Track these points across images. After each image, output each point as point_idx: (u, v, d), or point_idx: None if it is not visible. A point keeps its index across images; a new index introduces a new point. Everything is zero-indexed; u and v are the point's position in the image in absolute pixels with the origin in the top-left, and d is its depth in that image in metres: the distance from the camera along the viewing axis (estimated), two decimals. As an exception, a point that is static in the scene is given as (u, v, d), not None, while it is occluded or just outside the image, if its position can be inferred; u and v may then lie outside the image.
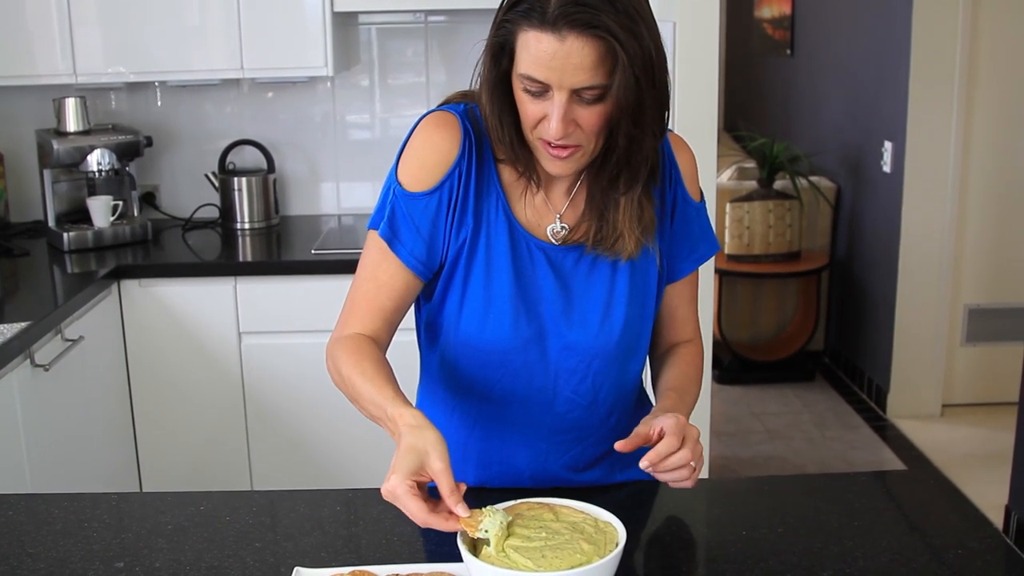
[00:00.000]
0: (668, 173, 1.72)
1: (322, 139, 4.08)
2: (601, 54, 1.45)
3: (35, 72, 3.59)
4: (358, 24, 3.99)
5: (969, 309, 4.98)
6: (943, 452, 4.59)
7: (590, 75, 1.46)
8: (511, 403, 1.71)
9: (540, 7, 1.45)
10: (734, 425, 4.91)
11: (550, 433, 1.73)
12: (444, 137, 1.64)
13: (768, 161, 5.31)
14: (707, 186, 3.06)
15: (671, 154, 1.73)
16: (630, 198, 1.62)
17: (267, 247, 3.75)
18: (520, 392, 1.70)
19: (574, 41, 1.44)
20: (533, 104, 1.52)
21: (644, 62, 1.47)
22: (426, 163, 1.64)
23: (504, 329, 1.65)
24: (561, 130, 1.50)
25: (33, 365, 2.76)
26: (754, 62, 7.53)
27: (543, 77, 1.47)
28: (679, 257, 1.76)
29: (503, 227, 1.66)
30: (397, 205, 1.64)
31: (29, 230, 3.86)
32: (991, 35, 4.71)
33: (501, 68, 1.56)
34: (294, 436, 3.51)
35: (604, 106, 1.50)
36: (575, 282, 1.67)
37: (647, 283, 1.71)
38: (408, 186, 1.64)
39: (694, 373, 1.79)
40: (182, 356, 3.43)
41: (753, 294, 5.51)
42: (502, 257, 1.65)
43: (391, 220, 1.64)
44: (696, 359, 1.82)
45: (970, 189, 4.86)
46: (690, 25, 3.18)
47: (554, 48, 1.45)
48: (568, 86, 1.47)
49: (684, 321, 1.83)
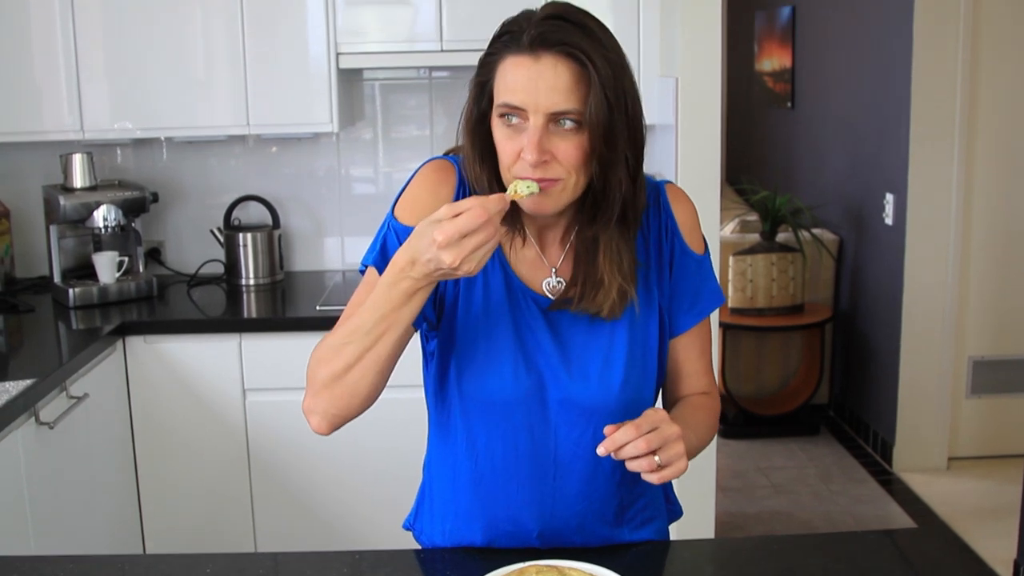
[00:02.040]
0: (665, 225, 1.73)
1: (326, 194, 4.10)
2: (575, 76, 1.50)
3: (42, 128, 3.62)
4: (363, 80, 4.02)
5: (973, 361, 4.97)
6: (950, 506, 4.56)
7: (564, 97, 1.50)
8: (515, 459, 1.71)
9: (518, 35, 1.52)
10: (740, 480, 4.88)
11: (555, 489, 1.73)
12: (441, 180, 1.69)
13: (770, 214, 5.32)
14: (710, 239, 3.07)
15: (668, 206, 1.74)
16: (608, 241, 1.63)
17: (272, 303, 3.75)
18: (523, 447, 1.70)
19: (548, 59, 1.50)
20: (510, 141, 1.55)
21: (615, 83, 1.52)
22: (423, 202, 1.66)
23: (504, 380, 1.65)
24: (536, 154, 1.51)
25: (38, 423, 2.75)
26: (755, 115, 7.57)
27: (519, 101, 1.51)
28: (680, 310, 1.75)
29: (500, 279, 1.67)
30: (389, 237, 1.68)
31: (35, 285, 3.87)
32: (990, 87, 4.74)
33: (481, 108, 1.60)
34: (299, 494, 3.49)
35: (581, 137, 1.53)
36: (573, 336, 1.67)
37: (648, 337, 1.71)
38: (402, 220, 1.67)
39: (702, 415, 1.77)
40: (186, 413, 3.43)
41: (757, 347, 5.50)
42: (500, 308, 1.66)
43: (382, 250, 1.68)
44: (706, 403, 1.80)
45: (972, 241, 4.87)
46: (692, 80, 3.20)
47: (528, 68, 1.50)
48: (544, 109, 1.51)
49: (694, 375, 1.81)
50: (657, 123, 3.54)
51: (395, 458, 3.33)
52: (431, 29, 3.59)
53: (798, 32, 6.46)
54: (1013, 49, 4.72)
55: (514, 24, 1.55)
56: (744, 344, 5.46)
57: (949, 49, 4.62)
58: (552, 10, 1.54)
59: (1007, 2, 4.67)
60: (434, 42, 3.59)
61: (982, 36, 4.67)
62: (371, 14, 3.65)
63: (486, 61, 1.58)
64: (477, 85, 1.61)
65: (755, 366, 5.52)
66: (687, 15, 3.18)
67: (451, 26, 3.57)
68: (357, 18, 3.62)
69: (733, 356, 5.43)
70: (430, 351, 1.74)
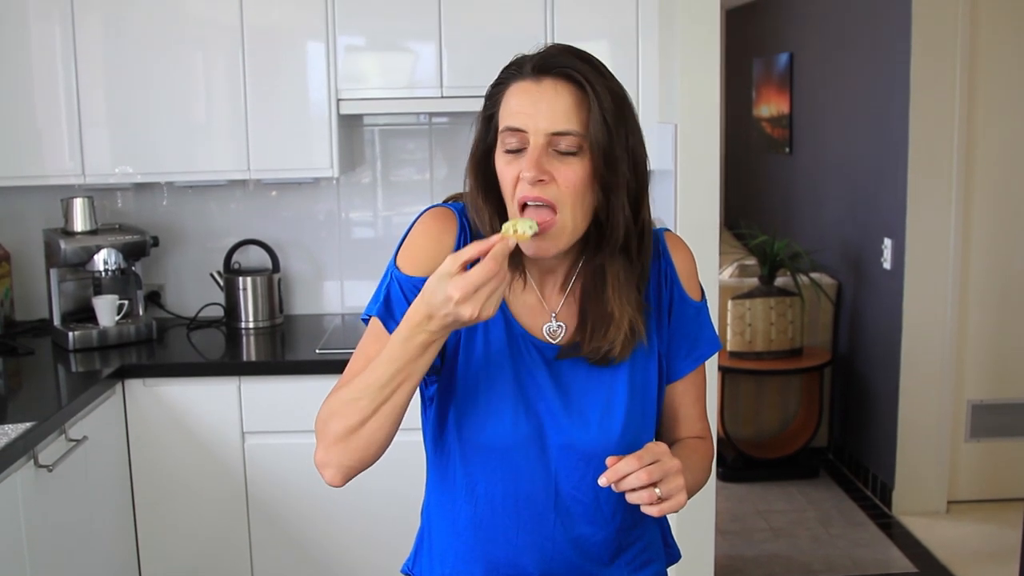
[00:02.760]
0: (664, 272, 1.74)
1: (326, 237, 4.11)
2: (576, 99, 1.54)
3: (43, 172, 3.64)
4: (363, 125, 4.05)
5: (972, 405, 4.97)
6: (950, 549, 4.55)
7: (563, 118, 1.54)
8: (515, 503, 1.71)
9: (522, 65, 1.58)
10: (739, 523, 4.87)
11: (554, 534, 1.72)
12: (442, 229, 1.69)
13: (769, 258, 5.34)
14: (709, 283, 3.09)
15: (667, 253, 1.75)
16: (615, 273, 1.65)
17: (271, 346, 3.76)
18: (523, 492, 1.70)
19: (549, 83, 1.55)
20: (510, 167, 1.58)
21: (615, 110, 1.57)
22: (424, 250, 1.67)
23: (504, 426, 1.65)
24: (535, 170, 1.53)
25: (37, 466, 2.75)
26: (754, 160, 7.60)
27: (519, 123, 1.55)
28: (678, 356, 1.77)
29: (500, 325, 1.67)
30: (392, 287, 1.68)
31: (34, 328, 3.88)
32: (987, 132, 4.77)
33: (487, 143, 1.63)
34: (297, 538, 3.48)
35: (582, 162, 1.55)
36: (573, 381, 1.68)
37: (647, 382, 1.72)
38: (407, 270, 1.67)
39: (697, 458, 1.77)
40: (186, 456, 3.42)
41: (756, 391, 5.50)
42: (501, 354, 1.66)
43: (386, 301, 1.67)
44: (701, 446, 1.81)
45: (970, 285, 4.88)
46: (691, 126, 3.22)
47: (530, 91, 1.55)
48: (544, 129, 1.54)
49: (689, 419, 1.82)
50: (656, 169, 3.56)
51: (394, 501, 3.32)
52: (431, 75, 3.62)
53: (796, 78, 6.51)
54: (1010, 93, 4.76)
55: (520, 58, 1.61)
56: (743, 388, 5.46)
57: (946, 94, 4.66)
58: (556, 46, 1.60)
59: (1003, 46, 4.71)
60: (434, 88, 3.62)
61: (979, 81, 4.71)
62: (372, 60, 3.68)
63: (492, 93, 1.63)
64: (483, 120, 1.64)
65: (754, 409, 5.52)
66: (686, 62, 3.21)
67: (451, 72, 3.60)
68: (358, 64, 3.65)
69: (732, 400, 5.43)
70: (429, 396, 1.74)
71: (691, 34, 3.20)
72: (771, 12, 7.11)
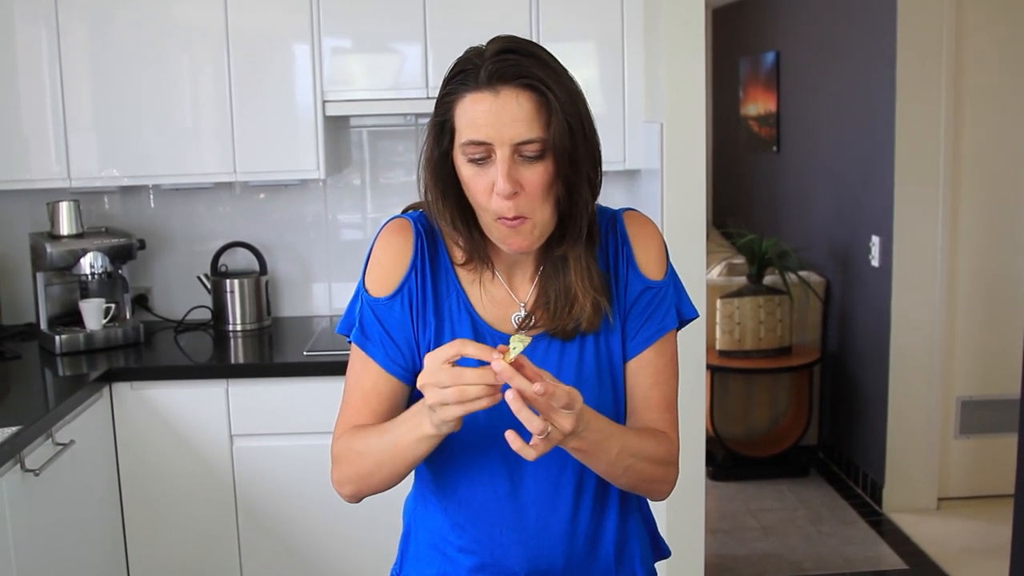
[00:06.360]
0: (620, 250, 1.73)
1: (314, 239, 4.11)
2: (536, 106, 1.53)
3: (29, 176, 3.63)
4: (349, 127, 4.04)
5: (961, 401, 4.98)
6: (940, 546, 4.55)
7: (527, 127, 1.53)
8: (496, 503, 1.71)
9: (474, 73, 1.55)
10: (729, 522, 4.87)
11: (538, 529, 1.72)
12: (399, 241, 1.71)
13: (757, 257, 5.34)
14: (697, 283, 3.09)
15: (624, 231, 1.74)
16: (576, 257, 1.66)
17: (259, 349, 3.75)
18: (502, 491, 1.70)
19: (508, 93, 1.53)
20: (479, 176, 1.57)
21: (574, 110, 1.56)
22: (385, 268, 1.70)
23: (477, 424, 1.63)
24: (508, 187, 1.53)
25: (23, 470, 2.74)
26: (741, 159, 7.61)
27: (483, 136, 1.54)
28: (630, 335, 1.73)
29: (466, 324, 1.68)
30: (365, 313, 1.71)
31: (21, 333, 3.86)
32: (974, 129, 4.78)
33: (442, 147, 1.62)
34: (286, 539, 3.48)
35: (545, 164, 1.55)
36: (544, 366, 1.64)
37: (613, 361, 1.71)
38: (373, 292, 1.71)
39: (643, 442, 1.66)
40: (173, 459, 3.42)
41: (745, 390, 5.50)
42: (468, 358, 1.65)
43: (362, 328, 1.71)
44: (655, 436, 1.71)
45: (958, 281, 4.89)
46: (677, 125, 3.23)
47: (490, 103, 1.53)
48: (508, 140, 1.53)
49: (647, 406, 1.74)
50: (643, 168, 3.57)
51: (382, 504, 3.30)
52: (417, 76, 3.62)
53: (782, 77, 6.52)
54: (996, 91, 4.77)
55: (467, 63, 1.57)
56: (732, 386, 5.47)
57: (932, 92, 4.67)
58: (502, 45, 1.57)
59: (989, 45, 4.72)
60: (420, 89, 3.61)
61: (965, 79, 4.72)
62: (357, 62, 3.68)
63: (443, 100, 1.60)
64: (436, 125, 1.62)
65: (744, 408, 5.53)
66: (671, 61, 3.21)
67: (437, 73, 3.59)
68: (343, 66, 3.65)
69: (721, 398, 5.44)
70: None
71: (676, 33, 3.21)
72: (757, 11, 7.12)
